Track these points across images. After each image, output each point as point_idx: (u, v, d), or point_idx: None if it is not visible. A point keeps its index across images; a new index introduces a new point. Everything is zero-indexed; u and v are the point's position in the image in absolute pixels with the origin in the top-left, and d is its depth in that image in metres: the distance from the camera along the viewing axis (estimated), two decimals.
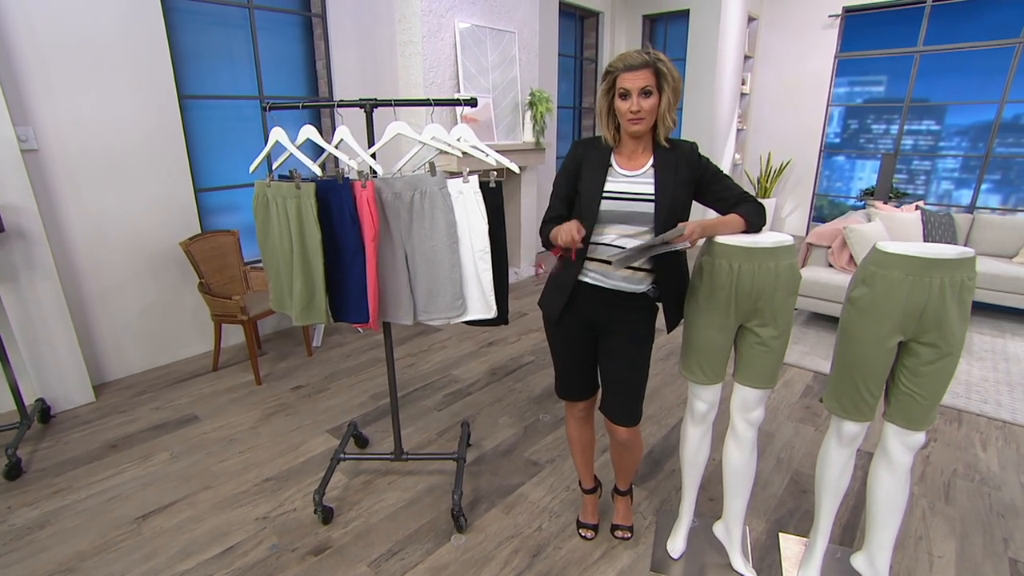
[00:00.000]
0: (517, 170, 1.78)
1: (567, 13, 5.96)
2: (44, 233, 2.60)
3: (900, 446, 1.55)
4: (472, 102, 1.79)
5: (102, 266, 2.95)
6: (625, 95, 1.47)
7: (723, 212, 1.60)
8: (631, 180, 1.55)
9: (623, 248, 1.51)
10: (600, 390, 1.76)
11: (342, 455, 2.16)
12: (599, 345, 1.69)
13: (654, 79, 1.44)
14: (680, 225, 1.43)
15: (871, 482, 1.65)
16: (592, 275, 1.62)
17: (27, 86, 2.58)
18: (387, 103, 1.73)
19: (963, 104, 5.94)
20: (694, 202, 1.62)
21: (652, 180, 1.53)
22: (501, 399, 2.88)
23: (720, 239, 1.54)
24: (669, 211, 1.52)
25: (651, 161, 1.55)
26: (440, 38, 3.99)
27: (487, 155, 1.77)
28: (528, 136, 4.71)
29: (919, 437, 1.53)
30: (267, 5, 3.47)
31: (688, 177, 1.54)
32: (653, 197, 1.52)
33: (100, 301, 2.98)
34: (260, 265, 3.52)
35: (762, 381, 1.62)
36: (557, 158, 5.90)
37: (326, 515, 1.98)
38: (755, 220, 1.56)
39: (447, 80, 4.11)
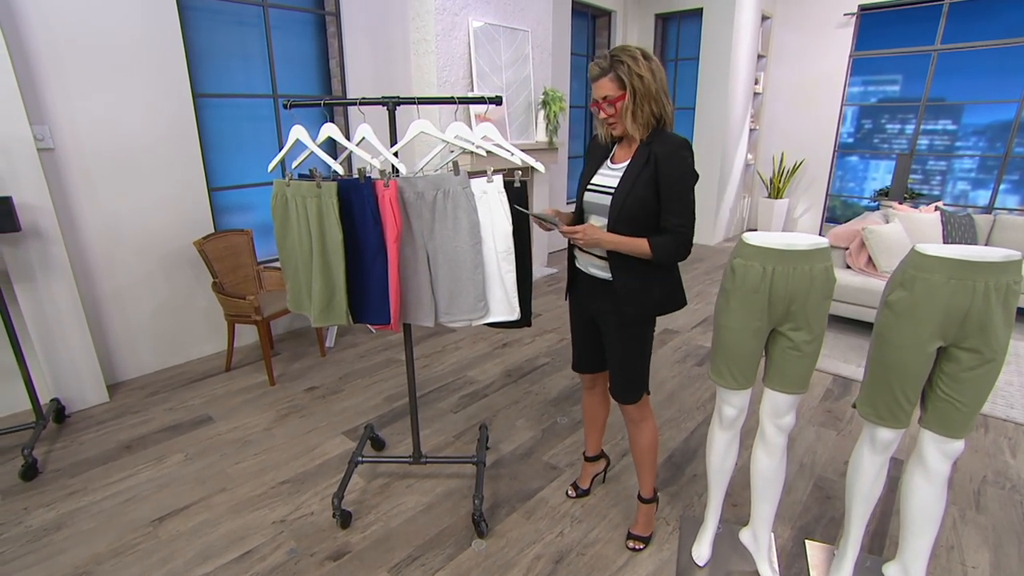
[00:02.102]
0: (543, 169, 1.74)
1: (579, 12, 5.92)
2: (60, 232, 2.58)
3: (938, 454, 1.51)
4: (497, 100, 1.76)
5: (116, 265, 2.94)
6: (596, 103, 1.56)
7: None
8: (612, 173, 1.61)
9: None
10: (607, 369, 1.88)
11: (360, 458, 2.14)
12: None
13: (613, 84, 1.49)
14: (554, 215, 1.61)
15: (906, 490, 1.60)
16: (578, 261, 1.75)
17: (43, 85, 2.56)
18: (410, 101, 1.70)
19: (981, 103, 5.85)
20: None
21: (622, 175, 1.58)
22: (518, 401, 2.85)
23: (752, 241, 1.50)
24: (622, 207, 1.54)
25: (632, 155, 1.58)
26: (454, 37, 3.97)
27: (512, 154, 1.73)
28: (541, 135, 4.68)
29: (958, 445, 1.48)
30: (281, 3, 3.45)
31: (651, 177, 1.52)
32: (612, 191, 1.55)
33: (114, 300, 2.96)
34: (274, 265, 3.50)
35: (794, 386, 1.58)
36: (569, 158, 5.87)
37: (344, 519, 1.96)
38: (660, 254, 1.52)
39: (460, 79, 4.08)
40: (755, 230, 7.03)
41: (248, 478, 2.24)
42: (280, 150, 3.56)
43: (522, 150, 1.76)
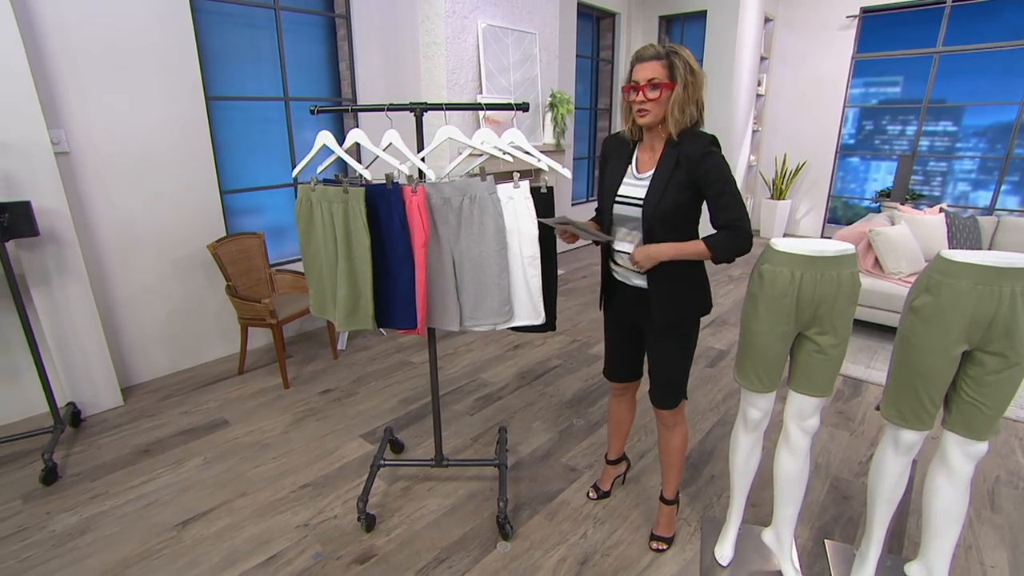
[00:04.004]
0: (569, 175, 1.76)
1: (584, 14, 5.94)
2: (76, 236, 2.58)
3: (962, 455, 1.53)
4: (524, 106, 1.77)
5: (130, 269, 2.94)
6: (635, 86, 1.49)
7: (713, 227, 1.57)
8: (639, 183, 1.59)
9: (625, 251, 1.64)
10: (641, 377, 1.92)
11: (382, 461, 2.15)
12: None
13: (665, 71, 1.47)
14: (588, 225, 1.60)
15: (928, 491, 1.62)
16: (616, 273, 1.74)
17: (59, 89, 2.56)
18: (438, 107, 1.71)
19: (982, 105, 5.90)
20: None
21: (650, 183, 1.56)
22: (533, 403, 2.86)
23: (781, 247, 1.51)
24: (656, 217, 1.53)
25: (658, 161, 1.56)
26: (463, 39, 3.98)
27: (539, 160, 1.75)
28: (548, 137, 4.70)
29: (982, 446, 1.51)
30: (293, 6, 3.45)
31: (685, 180, 1.50)
32: (641, 202, 1.56)
33: (127, 304, 2.96)
34: (286, 267, 3.50)
35: (819, 389, 1.60)
36: (575, 159, 5.88)
37: (369, 522, 1.97)
38: (721, 253, 1.50)
39: (469, 81, 4.09)
40: (758, 232, 7.07)
41: (268, 482, 2.25)
42: (291, 153, 3.58)
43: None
